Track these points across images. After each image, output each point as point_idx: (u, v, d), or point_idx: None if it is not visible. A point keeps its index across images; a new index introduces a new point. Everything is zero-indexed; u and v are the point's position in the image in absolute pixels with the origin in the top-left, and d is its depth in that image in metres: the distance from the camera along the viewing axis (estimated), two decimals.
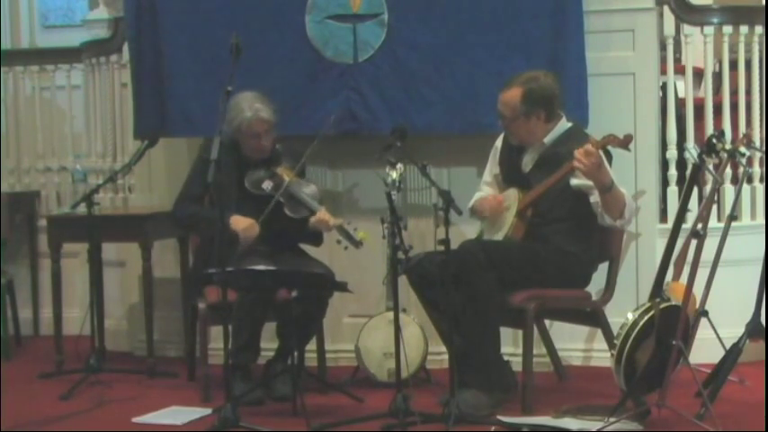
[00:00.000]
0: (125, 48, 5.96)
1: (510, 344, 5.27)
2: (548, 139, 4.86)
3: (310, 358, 5.28)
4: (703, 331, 4.76)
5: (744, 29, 5.64)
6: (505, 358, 4.90)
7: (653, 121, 5.54)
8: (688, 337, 4.44)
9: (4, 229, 6.51)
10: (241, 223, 4.99)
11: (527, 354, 4.74)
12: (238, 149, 5.16)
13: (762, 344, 4.83)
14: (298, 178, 5.18)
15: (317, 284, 4.85)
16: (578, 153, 4.46)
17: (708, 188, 4.84)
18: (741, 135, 5.04)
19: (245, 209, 5.07)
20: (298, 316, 4.82)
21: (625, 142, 4.69)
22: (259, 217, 5.03)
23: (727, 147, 4.46)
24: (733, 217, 4.54)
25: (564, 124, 4.90)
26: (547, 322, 5.25)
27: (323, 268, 5.03)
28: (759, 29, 5.67)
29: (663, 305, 4.33)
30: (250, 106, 5.07)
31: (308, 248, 5.29)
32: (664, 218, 5.61)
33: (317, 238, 5.25)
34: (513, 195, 4.89)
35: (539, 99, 4.79)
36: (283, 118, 5.21)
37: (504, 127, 4.92)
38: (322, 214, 5.05)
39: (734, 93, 5.72)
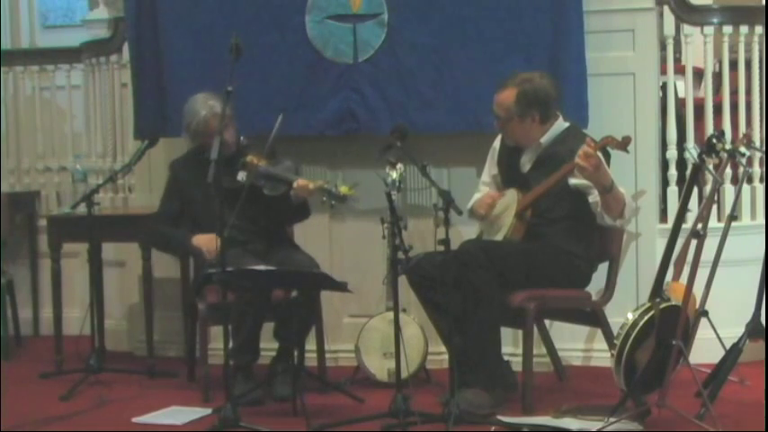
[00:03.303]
0: (125, 48, 5.96)
1: (510, 344, 5.27)
2: (545, 140, 4.86)
3: (310, 358, 5.27)
4: (703, 331, 4.76)
5: (744, 29, 5.64)
6: (505, 358, 4.90)
7: (653, 121, 5.54)
8: (688, 337, 4.44)
9: (4, 229, 6.52)
10: (201, 240, 5.01)
11: (527, 354, 4.74)
12: (203, 152, 5.07)
13: (762, 344, 4.83)
14: (270, 160, 5.14)
15: (316, 284, 4.86)
16: (580, 157, 4.46)
17: (708, 188, 4.83)
18: (741, 135, 5.04)
19: (226, 207, 5.03)
20: (292, 314, 4.83)
21: (623, 144, 4.69)
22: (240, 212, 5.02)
23: (727, 147, 4.46)
24: (733, 217, 4.55)
25: (561, 124, 4.90)
26: (547, 322, 5.25)
27: (310, 262, 5.01)
28: (759, 29, 5.67)
29: (663, 305, 4.33)
30: (203, 105, 5.04)
31: (303, 245, 5.28)
32: (664, 218, 5.61)
33: (303, 211, 5.20)
34: (512, 196, 4.89)
35: (533, 100, 4.79)
36: (283, 118, 5.20)
37: (499, 128, 4.93)
38: (300, 181, 5.00)
39: (734, 93, 5.72)
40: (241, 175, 5.03)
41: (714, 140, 4.40)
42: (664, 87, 5.81)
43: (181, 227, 5.25)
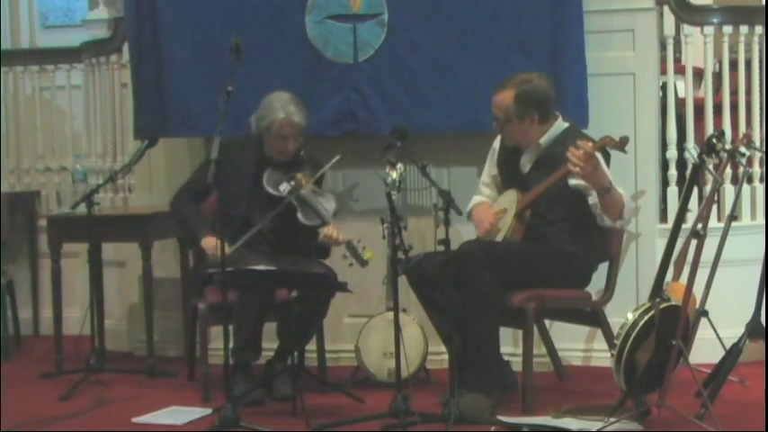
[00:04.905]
0: (125, 48, 5.96)
1: (510, 344, 5.27)
2: (544, 140, 4.85)
3: (310, 358, 5.28)
4: (703, 331, 4.76)
5: (744, 29, 5.65)
6: (505, 358, 4.90)
7: (653, 121, 5.54)
8: (688, 337, 4.44)
9: (4, 229, 6.52)
10: (211, 242, 4.97)
11: (527, 354, 4.74)
12: (261, 146, 5.15)
13: (762, 344, 4.83)
14: (315, 187, 5.16)
15: (317, 285, 4.86)
16: (572, 153, 4.45)
17: (708, 188, 4.83)
18: (741, 135, 5.04)
19: (257, 207, 5.07)
20: (298, 316, 4.82)
21: (621, 144, 4.68)
22: (270, 215, 5.03)
23: (727, 147, 4.46)
24: (733, 217, 4.55)
25: (560, 125, 4.89)
26: (547, 322, 5.25)
27: (324, 268, 5.02)
28: (759, 29, 5.67)
29: (663, 305, 4.33)
30: (284, 107, 5.02)
31: None
32: (664, 218, 5.61)
33: (322, 253, 5.21)
34: (511, 197, 4.89)
35: (531, 101, 4.78)
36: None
37: (497, 129, 4.92)
38: (331, 230, 5.03)
39: (734, 93, 5.72)
40: (284, 187, 5.04)
41: (714, 140, 4.40)
42: (664, 87, 5.81)
43: (204, 202, 5.21)
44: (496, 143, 5.08)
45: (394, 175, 4.81)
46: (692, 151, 5.45)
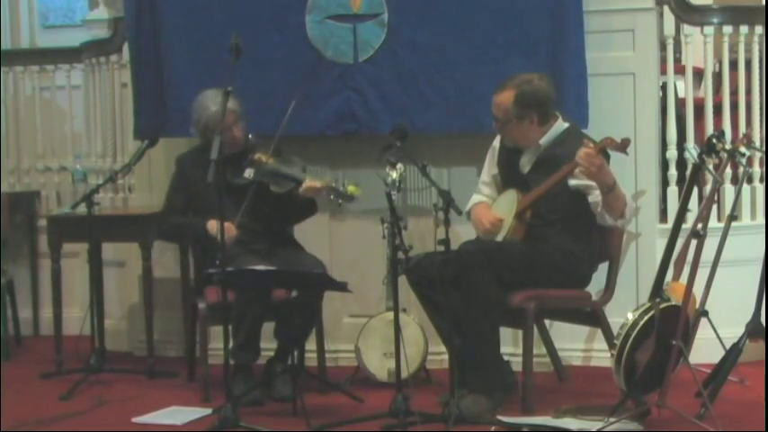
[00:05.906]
0: (125, 48, 5.96)
1: (510, 344, 5.27)
2: (544, 141, 4.85)
3: (310, 358, 5.28)
4: (703, 331, 4.77)
5: (744, 29, 5.65)
6: (505, 358, 4.90)
7: (653, 121, 5.54)
8: (688, 337, 4.44)
9: (4, 229, 6.51)
10: (215, 225, 4.94)
11: (527, 354, 4.74)
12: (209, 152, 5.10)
13: (762, 344, 4.83)
14: (276, 157, 5.14)
15: (316, 284, 4.86)
16: (581, 157, 4.46)
17: (708, 188, 4.84)
18: (741, 135, 5.04)
19: (231, 205, 5.06)
20: (294, 315, 4.83)
21: (622, 146, 4.69)
22: (247, 209, 5.02)
23: (727, 147, 4.47)
24: (733, 217, 4.55)
25: (560, 125, 4.89)
26: (547, 322, 5.25)
27: (316, 263, 5.01)
28: (759, 29, 5.67)
29: (663, 305, 4.33)
30: (214, 101, 5.00)
31: (303, 245, 5.29)
32: (664, 218, 5.61)
33: (310, 208, 5.22)
34: (511, 196, 4.89)
35: (531, 102, 4.78)
36: (283, 118, 5.21)
37: (497, 129, 4.92)
38: (308, 183, 5.00)
39: (734, 93, 5.72)
40: (248, 172, 5.04)
41: (714, 140, 4.41)
42: (664, 87, 5.81)
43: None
44: (496, 142, 5.08)
45: (394, 175, 4.80)
46: (692, 151, 5.45)
